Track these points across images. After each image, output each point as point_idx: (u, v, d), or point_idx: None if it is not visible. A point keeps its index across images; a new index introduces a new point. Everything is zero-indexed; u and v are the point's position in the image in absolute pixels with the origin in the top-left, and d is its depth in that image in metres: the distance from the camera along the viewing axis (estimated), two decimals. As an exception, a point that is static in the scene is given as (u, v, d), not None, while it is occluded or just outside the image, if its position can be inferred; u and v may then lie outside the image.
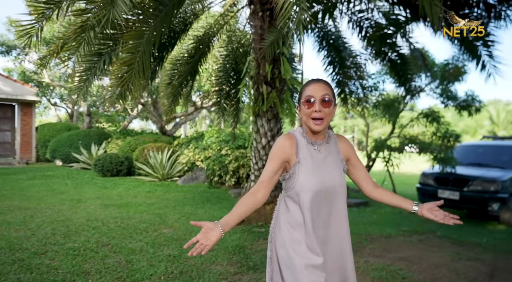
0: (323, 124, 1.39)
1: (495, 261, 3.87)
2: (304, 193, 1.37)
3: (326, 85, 1.44)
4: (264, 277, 2.99)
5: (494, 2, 3.95)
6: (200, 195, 7.29)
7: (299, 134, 1.47)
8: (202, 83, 10.47)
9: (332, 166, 1.44)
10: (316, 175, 1.39)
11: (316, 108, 1.37)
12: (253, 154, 5.04)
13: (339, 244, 1.43)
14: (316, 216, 1.38)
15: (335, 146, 1.51)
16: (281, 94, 4.88)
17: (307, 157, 1.41)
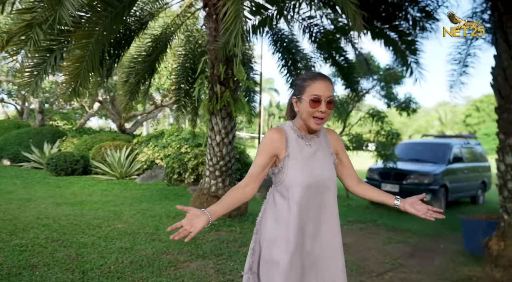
0: (322, 124, 1.38)
1: (419, 243, 4.42)
2: (294, 188, 1.35)
3: (331, 84, 1.39)
4: (211, 263, 3.22)
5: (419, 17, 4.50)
6: (158, 192, 7.34)
7: (288, 128, 1.43)
8: (162, 82, 10.43)
9: (322, 160, 1.42)
10: (306, 169, 1.37)
11: (322, 109, 1.33)
12: (208, 151, 5.24)
13: (330, 240, 1.40)
14: (305, 211, 1.36)
15: (325, 140, 1.48)
16: (235, 93, 5.13)
17: (297, 151, 1.39)
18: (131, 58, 6.35)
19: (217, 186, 5.08)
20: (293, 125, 1.44)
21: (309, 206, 1.36)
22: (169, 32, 6.16)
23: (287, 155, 1.37)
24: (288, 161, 1.37)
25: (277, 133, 1.40)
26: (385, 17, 4.75)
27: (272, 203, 1.41)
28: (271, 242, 1.36)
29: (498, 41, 3.21)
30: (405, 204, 1.42)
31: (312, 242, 1.37)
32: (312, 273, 1.37)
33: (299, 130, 1.42)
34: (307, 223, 1.36)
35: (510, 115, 3.12)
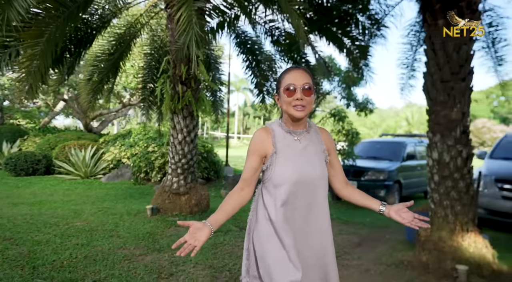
0: (304, 111, 1.33)
1: (367, 234, 4.76)
2: (282, 185, 1.31)
3: (306, 72, 1.37)
4: (166, 256, 3.35)
5: (368, 24, 4.85)
6: (123, 191, 7.32)
7: (276, 125, 1.41)
8: (129, 80, 10.33)
9: (312, 156, 1.37)
10: (294, 165, 1.33)
11: (298, 96, 1.31)
12: (171, 149, 5.34)
13: (320, 239, 1.36)
14: (293, 208, 1.32)
15: (316, 136, 1.44)
16: (197, 93, 5.26)
17: (285, 147, 1.35)
18: (94, 57, 6.31)
19: (179, 183, 5.19)
20: (281, 122, 1.41)
21: (297, 204, 1.32)
22: (133, 31, 6.18)
23: (275, 152, 1.34)
24: (275, 158, 1.33)
25: (263, 132, 1.38)
26: (338, 23, 5.07)
27: (260, 201, 1.39)
28: (263, 240, 1.33)
29: (427, 50, 3.57)
30: (390, 211, 1.38)
31: (302, 241, 1.33)
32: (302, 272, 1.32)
33: (286, 125, 1.39)
34: (296, 222, 1.32)
35: (436, 116, 3.49)
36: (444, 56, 3.42)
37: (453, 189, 3.35)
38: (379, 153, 8.16)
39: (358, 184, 7.17)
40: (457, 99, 3.39)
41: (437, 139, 3.49)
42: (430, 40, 3.55)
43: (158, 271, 2.96)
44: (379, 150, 8.31)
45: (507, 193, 4.99)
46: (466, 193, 3.34)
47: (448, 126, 3.42)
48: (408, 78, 5.86)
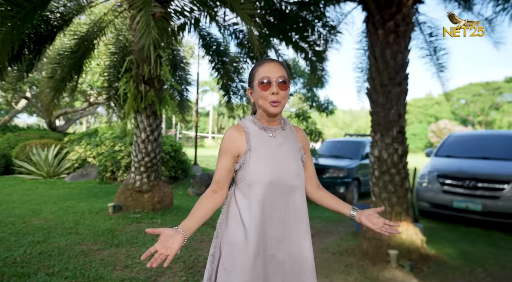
0: (280, 106, 1.26)
1: (322, 227, 5.09)
2: (256, 184, 1.23)
3: (281, 65, 1.30)
4: (124, 250, 3.47)
5: (324, 31, 5.19)
6: (87, 190, 7.25)
7: (249, 122, 1.33)
8: (95, 79, 10.16)
9: (288, 154, 1.30)
10: (269, 164, 1.25)
11: (274, 90, 1.24)
12: (133, 148, 5.41)
13: (298, 242, 1.27)
14: (269, 210, 1.24)
15: (292, 134, 1.37)
16: (160, 93, 5.37)
17: (259, 144, 1.28)
18: (56, 54, 6.23)
19: (142, 181, 5.28)
20: (254, 118, 1.34)
21: (273, 205, 1.24)
22: (97, 29, 6.16)
23: (248, 149, 1.26)
24: (249, 155, 1.26)
25: (234, 130, 1.30)
26: (297, 28, 5.36)
27: (233, 203, 1.30)
28: (230, 246, 1.24)
29: (370, 57, 3.93)
30: (361, 216, 1.33)
31: (277, 245, 1.24)
32: (277, 279, 1.25)
33: (260, 122, 1.32)
34: (271, 225, 1.24)
35: (377, 117, 3.85)
36: (383, 63, 3.78)
37: (390, 183, 3.72)
38: (341, 151, 8.60)
39: (320, 181, 7.52)
40: (393, 102, 3.75)
41: (377, 138, 3.85)
42: (372, 47, 3.90)
43: (114, 264, 3.08)
44: (341, 149, 8.75)
45: (447, 188, 5.50)
46: (401, 186, 3.71)
47: (386, 126, 3.78)
48: (364, 81, 6.29)
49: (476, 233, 4.96)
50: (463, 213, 5.27)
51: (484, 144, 6.29)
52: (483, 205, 5.03)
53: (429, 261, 3.45)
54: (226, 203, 1.33)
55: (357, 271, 3.17)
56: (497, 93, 43.81)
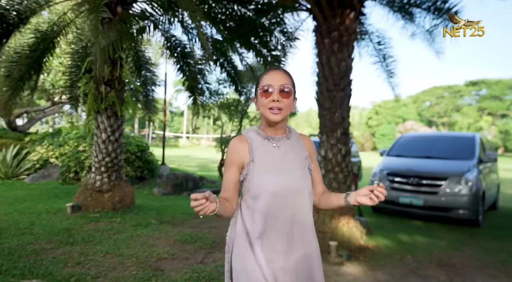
0: (281, 114, 1.24)
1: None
2: (260, 196, 1.20)
3: (286, 74, 1.28)
4: (78, 248, 3.55)
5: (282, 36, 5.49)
6: (48, 191, 7.13)
7: (252, 132, 1.31)
8: (57, 78, 9.93)
9: (294, 164, 1.26)
10: (274, 174, 1.22)
11: (274, 97, 1.23)
12: (94, 148, 5.44)
13: (305, 255, 1.24)
14: (274, 222, 1.21)
15: (298, 142, 1.34)
16: (121, 94, 5.43)
17: (263, 154, 1.25)
18: (14, 53, 6.11)
19: (102, 181, 5.32)
20: (258, 128, 1.33)
21: (277, 217, 1.21)
22: (57, 29, 6.10)
23: (252, 160, 1.24)
24: (253, 166, 1.24)
25: (237, 141, 1.29)
26: (257, 34, 5.60)
27: (239, 215, 1.28)
28: (239, 260, 1.23)
29: (318, 63, 4.23)
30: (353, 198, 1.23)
31: (286, 258, 1.21)
32: None
33: (264, 132, 1.30)
34: (277, 237, 1.21)
35: (323, 119, 4.16)
36: (328, 70, 4.10)
37: (334, 180, 4.04)
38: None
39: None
40: (338, 105, 4.08)
41: (324, 139, 4.16)
42: (319, 55, 4.21)
43: (65, 261, 3.17)
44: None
45: (395, 185, 5.95)
46: (344, 183, 4.05)
47: (331, 128, 4.10)
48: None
49: (417, 226, 5.42)
50: (408, 207, 5.73)
51: (429, 144, 6.84)
52: (424, 200, 5.51)
53: (367, 251, 3.80)
54: (234, 216, 1.30)
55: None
56: (458, 96, 46.57)
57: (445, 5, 4.84)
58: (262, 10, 5.32)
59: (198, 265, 3.24)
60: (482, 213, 5.66)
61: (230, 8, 5.38)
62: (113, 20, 5.08)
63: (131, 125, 47.38)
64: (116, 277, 2.89)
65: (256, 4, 5.18)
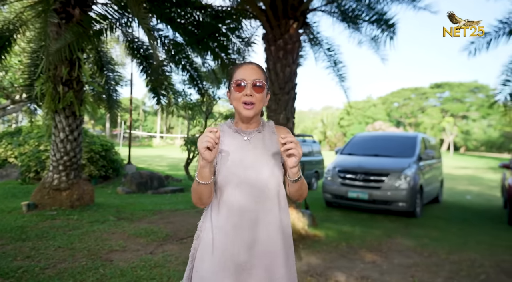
0: (254, 109, 1.25)
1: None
2: (225, 187, 1.22)
3: (258, 68, 1.29)
4: (30, 244, 3.67)
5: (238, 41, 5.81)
6: (5, 192, 7.04)
7: (225, 126, 1.33)
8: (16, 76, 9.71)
9: (262, 158, 1.25)
10: (239, 167, 1.22)
11: (247, 92, 1.23)
12: (52, 147, 5.50)
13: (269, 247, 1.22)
14: (238, 214, 1.20)
15: (270, 136, 1.32)
16: (79, 94, 5.53)
17: (230, 147, 1.26)
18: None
19: (60, 179, 5.40)
20: (231, 122, 1.36)
21: (243, 210, 1.20)
22: (13, 27, 6.07)
23: (220, 152, 1.25)
24: (220, 158, 1.25)
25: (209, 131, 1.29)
26: (214, 38, 5.88)
27: (209, 205, 1.28)
28: (202, 249, 1.24)
29: (266, 69, 4.58)
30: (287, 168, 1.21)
31: (249, 251, 1.20)
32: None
33: (236, 125, 1.33)
34: (241, 229, 1.20)
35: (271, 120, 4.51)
36: (274, 75, 4.46)
37: (279, 176, 4.40)
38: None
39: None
40: (282, 107, 4.44)
41: (270, 138, 4.50)
42: (267, 61, 4.56)
43: (15, 255, 3.30)
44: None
45: (345, 181, 6.42)
46: (288, 179, 4.41)
47: (277, 128, 4.46)
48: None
49: (362, 218, 5.91)
50: (355, 201, 6.22)
51: (378, 143, 7.41)
52: (369, 194, 6.02)
53: (307, 240, 4.18)
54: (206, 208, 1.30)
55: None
56: (424, 98, 49.02)
57: (383, 17, 5.36)
58: (219, 16, 5.61)
59: (147, 255, 3.48)
60: (420, 205, 6.25)
61: (188, 13, 5.62)
62: (71, 22, 5.18)
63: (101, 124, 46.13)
64: (65, 267, 3.07)
65: (211, 10, 5.45)
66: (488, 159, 30.62)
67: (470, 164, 25.34)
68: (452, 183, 12.76)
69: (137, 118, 53.13)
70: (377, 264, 3.56)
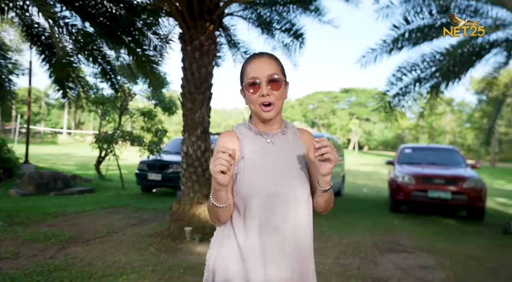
0: (274, 109, 1.11)
1: (149, 217, 5.58)
2: (251, 198, 1.06)
3: (272, 59, 1.14)
4: None
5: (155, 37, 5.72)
6: None
7: (242, 127, 1.17)
8: None
9: (289, 162, 1.12)
10: (267, 174, 1.08)
11: (264, 92, 1.09)
12: None
13: (299, 262, 1.09)
14: (266, 228, 1.07)
15: (295, 137, 1.19)
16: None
17: (254, 152, 1.11)
18: None
19: None
20: (249, 123, 1.20)
21: (271, 222, 1.07)
22: None
23: (242, 157, 1.10)
24: (243, 165, 1.09)
25: (226, 136, 1.15)
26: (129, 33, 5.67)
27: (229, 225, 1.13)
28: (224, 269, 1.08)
29: (182, 67, 4.65)
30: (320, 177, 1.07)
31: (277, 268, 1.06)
32: None
33: (256, 126, 1.17)
34: (268, 246, 1.06)
35: (186, 119, 4.60)
36: (190, 74, 4.55)
37: (194, 174, 4.52)
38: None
39: (163, 176, 8.04)
40: (198, 107, 4.57)
41: (186, 136, 4.60)
42: (184, 60, 4.63)
43: None
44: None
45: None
46: (203, 176, 4.57)
47: (192, 127, 4.57)
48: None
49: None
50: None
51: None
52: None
53: (219, 233, 4.40)
54: None
55: (154, 248, 3.80)
56: (335, 101, 54.26)
57: (292, 27, 5.91)
58: (134, 10, 5.44)
59: (46, 260, 3.25)
60: (323, 197, 7.04)
61: (99, 3, 5.32)
62: None
63: (-10, 118, 39.19)
64: None
65: (126, 3, 5.26)
66: (385, 156, 35.52)
67: (370, 161, 29.12)
68: (354, 178, 14.54)
69: (39, 112, 46.69)
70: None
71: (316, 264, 1.20)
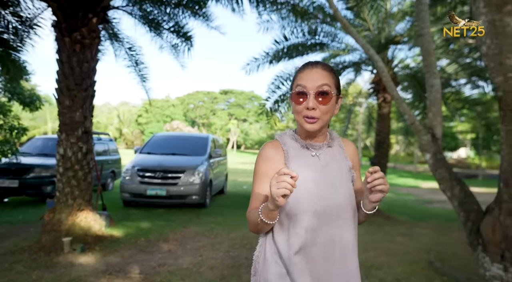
0: (318, 123, 1.03)
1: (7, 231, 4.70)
2: (297, 215, 1.02)
3: (325, 70, 1.05)
4: None
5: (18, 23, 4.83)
6: None
7: (288, 138, 1.10)
8: None
9: (337, 177, 1.08)
10: (314, 189, 1.03)
11: (310, 104, 1.01)
12: None
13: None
14: (311, 246, 1.02)
15: (340, 150, 1.14)
16: None
17: (301, 166, 1.05)
18: None
19: None
20: (294, 133, 1.13)
21: (316, 239, 1.03)
22: None
23: None
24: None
25: (270, 148, 1.09)
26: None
27: (270, 235, 1.09)
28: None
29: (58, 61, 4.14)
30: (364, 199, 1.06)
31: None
32: None
33: (301, 138, 1.11)
34: (314, 264, 1.03)
35: (63, 117, 4.12)
36: (69, 69, 4.11)
37: (73, 178, 4.10)
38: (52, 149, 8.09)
39: (25, 182, 6.79)
40: (79, 105, 4.17)
41: (63, 137, 4.12)
42: (60, 52, 4.12)
43: None
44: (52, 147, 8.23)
45: (144, 179, 6.63)
46: (84, 180, 4.20)
47: (72, 127, 4.14)
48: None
49: (159, 213, 6.34)
50: (154, 198, 6.56)
51: (175, 143, 8.09)
52: (167, 190, 6.51)
53: (104, 241, 4.14)
54: (264, 235, 1.12)
55: (22, 265, 3.30)
56: (215, 101, 55.79)
57: (182, 29, 6.00)
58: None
59: None
60: (209, 197, 7.36)
61: None
62: None
63: None
64: None
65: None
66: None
67: (248, 159, 31.33)
68: (235, 176, 15.48)
69: None
70: (173, 251, 4.05)
71: (208, 259, 1.47)
